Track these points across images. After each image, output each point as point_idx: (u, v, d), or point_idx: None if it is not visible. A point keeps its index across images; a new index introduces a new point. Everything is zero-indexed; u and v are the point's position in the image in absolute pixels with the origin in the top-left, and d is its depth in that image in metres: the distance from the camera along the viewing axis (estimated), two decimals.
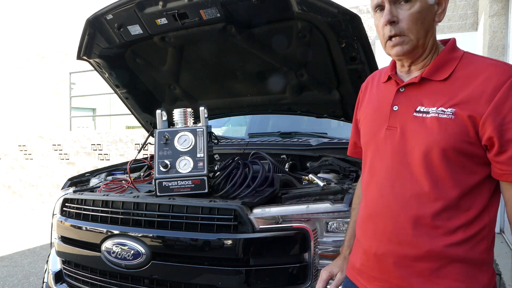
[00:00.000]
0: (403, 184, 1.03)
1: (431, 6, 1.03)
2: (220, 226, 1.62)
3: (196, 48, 2.35)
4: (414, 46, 1.04)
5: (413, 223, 1.01)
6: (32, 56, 11.49)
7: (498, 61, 1.00)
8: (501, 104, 0.93)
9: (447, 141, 0.97)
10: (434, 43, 1.07)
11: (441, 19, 1.05)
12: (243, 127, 3.76)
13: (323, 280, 1.31)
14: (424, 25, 1.02)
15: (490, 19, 5.39)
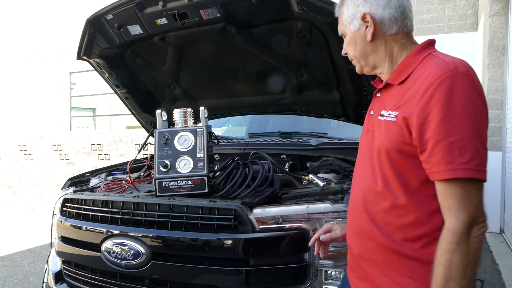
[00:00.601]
0: (367, 183, 1.10)
1: (356, 32, 1.13)
2: (220, 226, 1.62)
3: (196, 48, 2.35)
4: (361, 66, 1.18)
5: (371, 218, 1.08)
6: (32, 56, 11.49)
7: (444, 61, 0.99)
8: (426, 104, 0.94)
9: (389, 142, 1.02)
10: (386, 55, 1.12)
11: (373, 36, 1.10)
12: (243, 127, 3.76)
13: (323, 229, 1.40)
14: (357, 49, 1.14)
15: (490, 19, 5.38)
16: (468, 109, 0.91)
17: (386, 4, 1.07)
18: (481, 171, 0.92)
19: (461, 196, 0.92)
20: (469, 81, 0.94)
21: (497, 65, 5.35)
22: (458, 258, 0.90)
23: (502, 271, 3.90)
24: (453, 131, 0.91)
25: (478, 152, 0.91)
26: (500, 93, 5.36)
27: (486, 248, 4.72)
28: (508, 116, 5.18)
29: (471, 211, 0.91)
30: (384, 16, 1.08)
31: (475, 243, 0.91)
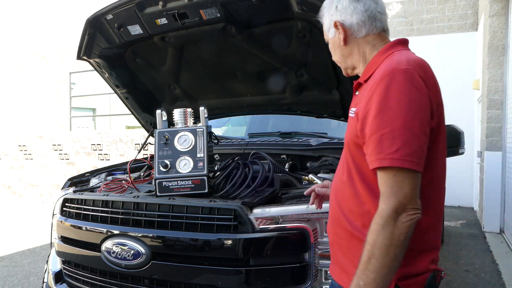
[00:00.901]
0: (338, 174, 1.23)
1: (334, 39, 1.24)
2: (220, 226, 1.62)
3: (196, 48, 2.34)
4: (344, 69, 1.30)
5: (339, 205, 1.18)
6: (32, 56, 11.49)
7: (392, 60, 1.06)
8: (368, 100, 1.02)
9: (349, 136, 1.12)
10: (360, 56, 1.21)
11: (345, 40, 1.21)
12: (243, 127, 3.76)
13: (321, 184, 1.48)
14: (337, 54, 1.27)
15: (490, 19, 5.38)
16: (400, 103, 0.98)
17: (353, 11, 1.17)
18: (409, 161, 0.97)
19: (392, 183, 0.98)
20: (407, 77, 1.00)
21: (497, 65, 5.35)
22: (381, 239, 0.96)
23: (502, 271, 3.90)
24: (385, 124, 0.98)
25: (408, 143, 0.97)
26: (500, 93, 5.36)
27: (486, 248, 4.72)
28: (508, 116, 5.18)
29: (399, 197, 0.97)
30: (353, 21, 1.18)
31: (401, 228, 0.96)
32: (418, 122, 0.98)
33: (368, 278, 0.98)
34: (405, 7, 8.06)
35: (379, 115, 0.99)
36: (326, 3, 1.25)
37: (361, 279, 0.99)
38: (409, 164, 0.97)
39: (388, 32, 1.23)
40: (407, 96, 0.98)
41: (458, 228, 5.82)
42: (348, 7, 1.18)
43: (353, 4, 1.17)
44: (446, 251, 4.65)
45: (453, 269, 4.01)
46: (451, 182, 6.20)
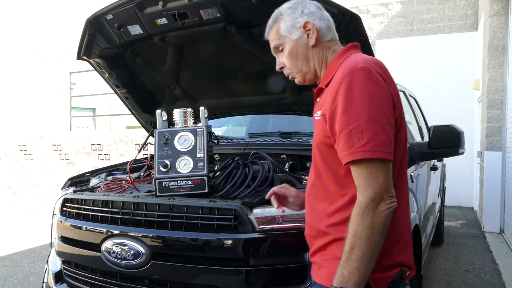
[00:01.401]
0: (310, 176, 1.26)
1: (298, 40, 1.25)
2: (220, 226, 1.62)
3: (196, 48, 2.34)
4: (303, 74, 1.28)
5: (312, 209, 1.23)
6: (32, 56, 11.49)
7: (350, 61, 1.12)
8: (333, 100, 1.08)
9: (318, 137, 1.18)
10: (322, 60, 1.26)
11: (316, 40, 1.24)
12: (243, 127, 3.76)
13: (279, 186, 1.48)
14: (300, 57, 1.26)
15: (490, 19, 5.38)
16: (363, 98, 1.04)
17: (321, 17, 1.27)
18: (380, 151, 1.02)
19: (366, 175, 1.03)
20: (365, 74, 1.06)
21: (497, 65, 5.35)
22: (361, 229, 1.01)
23: (502, 271, 3.90)
24: (352, 120, 1.03)
25: (376, 134, 1.02)
26: (500, 93, 5.36)
27: (486, 248, 4.72)
28: (508, 116, 5.18)
29: (375, 187, 1.02)
30: (321, 25, 1.26)
31: (380, 217, 1.01)
32: (383, 114, 1.05)
33: (351, 267, 1.02)
34: (405, 7, 8.06)
35: (345, 112, 1.05)
36: (284, 9, 1.29)
37: (344, 268, 1.03)
38: (380, 154, 1.02)
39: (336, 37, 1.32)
40: (368, 91, 1.05)
41: (458, 228, 5.82)
42: (316, 13, 1.27)
43: (320, 12, 1.28)
44: (446, 251, 4.65)
45: (453, 269, 4.01)
46: (451, 182, 6.24)
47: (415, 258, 2.28)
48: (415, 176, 2.57)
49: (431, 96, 7.04)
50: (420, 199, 2.71)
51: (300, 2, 1.29)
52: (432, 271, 3.94)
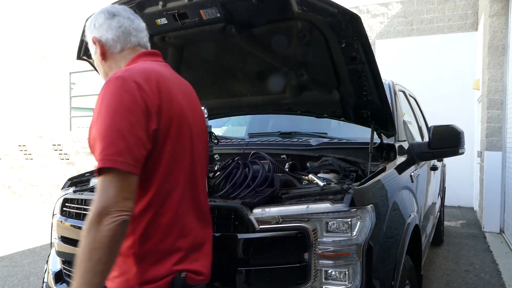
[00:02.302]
0: None
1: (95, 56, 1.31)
2: (220, 226, 1.62)
3: (196, 48, 2.34)
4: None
5: None
6: (32, 56, 11.49)
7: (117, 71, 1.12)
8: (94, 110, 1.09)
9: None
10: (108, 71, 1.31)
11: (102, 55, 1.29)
12: (243, 127, 3.76)
13: None
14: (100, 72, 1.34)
15: (490, 19, 5.38)
16: (109, 107, 1.02)
17: (108, 27, 1.26)
18: (112, 160, 0.98)
19: (100, 187, 0.99)
20: (118, 83, 1.05)
21: (497, 65, 5.35)
22: (85, 243, 0.96)
23: (502, 271, 3.90)
24: (99, 128, 1.02)
25: (113, 143, 0.99)
26: (500, 93, 5.36)
27: (486, 248, 4.72)
28: (508, 116, 5.18)
29: (104, 200, 0.97)
30: (108, 37, 1.26)
31: (103, 231, 0.95)
32: (127, 123, 1.01)
33: (77, 283, 0.96)
34: (405, 7, 8.06)
35: (96, 120, 1.05)
36: (87, 23, 1.31)
37: (72, 284, 0.97)
38: (113, 163, 0.98)
39: (146, 47, 1.32)
40: (116, 100, 1.03)
41: (458, 228, 5.82)
42: (104, 24, 1.26)
43: (108, 21, 1.27)
44: (446, 251, 4.65)
45: (453, 269, 4.01)
46: (451, 182, 6.24)
47: (415, 258, 2.29)
48: (415, 176, 2.57)
49: (431, 96, 7.05)
50: (420, 199, 2.71)
51: (97, 14, 1.30)
52: (432, 271, 3.94)
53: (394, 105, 2.79)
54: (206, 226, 1.31)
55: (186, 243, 1.17)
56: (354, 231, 1.57)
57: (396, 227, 1.90)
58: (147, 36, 1.34)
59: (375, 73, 1.99)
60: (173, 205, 1.14)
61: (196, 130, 1.24)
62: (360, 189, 1.66)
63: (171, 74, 1.26)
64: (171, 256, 1.12)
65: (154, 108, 1.06)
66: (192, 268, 1.16)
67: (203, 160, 1.33)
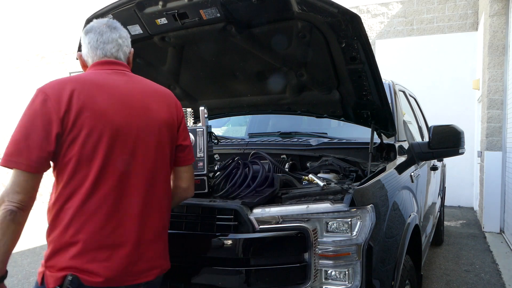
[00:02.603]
0: None
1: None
2: (220, 226, 1.62)
3: (196, 48, 2.34)
4: None
5: None
6: (32, 56, 11.49)
7: None
8: None
9: None
10: None
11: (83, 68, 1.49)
12: (243, 127, 3.76)
13: None
14: None
15: (490, 19, 5.38)
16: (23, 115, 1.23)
17: (83, 44, 1.44)
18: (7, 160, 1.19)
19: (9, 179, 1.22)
20: (35, 93, 1.25)
21: (497, 65, 5.35)
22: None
23: (502, 271, 3.90)
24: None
25: (14, 144, 1.20)
26: (500, 93, 5.36)
27: (486, 248, 4.72)
28: (508, 116, 5.18)
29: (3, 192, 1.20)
30: (83, 53, 1.46)
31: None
32: (32, 128, 1.20)
33: None
34: (405, 7, 8.05)
35: None
36: None
37: None
38: (7, 162, 1.19)
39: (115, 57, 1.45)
40: (26, 109, 1.23)
41: (458, 228, 5.82)
42: (82, 41, 1.45)
43: (83, 39, 1.44)
44: (446, 251, 4.65)
45: (453, 269, 4.01)
46: (451, 182, 6.24)
47: (415, 257, 2.29)
48: (415, 176, 2.57)
49: (431, 96, 7.04)
50: (420, 199, 2.71)
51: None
52: (432, 271, 3.94)
53: (394, 105, 2.79)
54: (134, 230, 1.31)
55: (86, 241, 1.24)
56: (354, 231, 1.57)
57: (396, 227, 1.90)
58: (117, 46, 1.46)
59: (375, 73, 1.99)
60: (77, 202, 1.24)
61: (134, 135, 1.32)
62: (360, 189, 1.66)
63: (112, 82, 1.36)
64: (68, 249, 1.24)
65: (59, 115, 1.21)
66: (86, 268, 1.23)
67: (148, 163, 1.35)
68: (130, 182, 1.31)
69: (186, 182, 1.53)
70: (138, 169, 1.33)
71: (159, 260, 1.40)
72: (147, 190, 1.35)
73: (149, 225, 1.35)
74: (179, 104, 1.56)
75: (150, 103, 1.42)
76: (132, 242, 1.30)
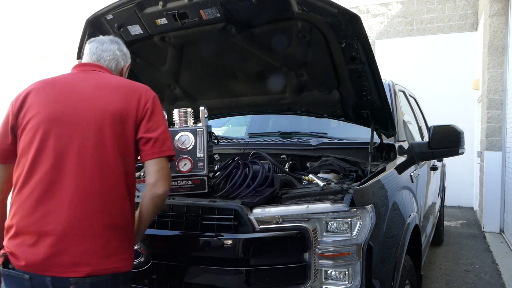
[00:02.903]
0: None
1: None
2: (220, 226, 1.62)
3: (196, 48, 2.34)
4: None
5: None
6: (32, 56, 11.48)
7: None
8: None
9: None
10: None
11: None
12: (243, 127, 3.76)
13: None
14: None
15: (490, 19, 5.38)
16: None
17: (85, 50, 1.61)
18: None
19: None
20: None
21: (497, 65, 5.35)
22: None
23: (502, 271, 3.90)
24: None
25: None
26: (500, 93, 5.36)
27: (486, 248, 4.72)
28: (508, 116, 5.18)
29: None
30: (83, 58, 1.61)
31: None
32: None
33: None
34: (405, 7, 8.05)
35: None
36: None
37: None
38: None
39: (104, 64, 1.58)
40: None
41: (458, 228, 5.83)
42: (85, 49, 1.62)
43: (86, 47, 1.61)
44: (446, 251, 4.65)
45: (453, 269, 4.01)
46: (451, 182, 6.24)
47: (415, 257, 2.29)
48: (415, 176, 2.57)
49: (431, 96, 7.04)
50: (420, 199, 2.71)
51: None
52: (432, 271, 3.94)
53: (394, 105, 2.79)
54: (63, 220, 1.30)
55: (18, 225, 1.32)
56: (354, 231, 1.57)
57: (396, 227, 1.90)
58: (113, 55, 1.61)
59: (375, 73, 1.99)
60: (17, 189, 1.36)
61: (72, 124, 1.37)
62: (360, 189, 1.66)
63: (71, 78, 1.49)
64: (8, 232, 1.35)
65: (13, 112, 1.41)
66: (14, 251, 1.31)
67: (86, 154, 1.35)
68: (63, 171, 1.32)
69: (153, 177, 1.42)
70: (72, 159, 1.33)
71: (93, 258, 1.31)
72: (83, 181, 1.33)
73: (85, 218, 1.31)
74: (147, 98, 1.47)
75: (100, 95, 1.43)
76: (59, 232, 1.28)
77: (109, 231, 1.35)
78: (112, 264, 1.34)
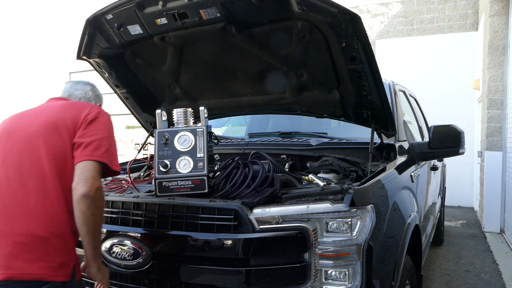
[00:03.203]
0: None
1: None
2: (220, 226, 1.62)
3: (196, 48, 2.34)
4: None
5: None
6: (32, 56, 11.48)
7: None
8: None
9: None
10: None
11: None
12: (243, 127, 3.76)
13: None
14: None
15: (490, 18, 5.38)
16: None
17: None
18: None
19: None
20: None
21: (497, 65, 5.35)
22: None
23: (502, 271, 3.90)
24: None
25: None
26: (500, 93, 5.36)
27: (486, 248, 4.72)
28: (508, 116, 5.18)
29: None
30: None
31: None
32: None
33: None
34: (405, 7, 8.05)
35: None
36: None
37: None
38: None
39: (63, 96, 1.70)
40: None
41: (458, 228, 5.82)
42: None
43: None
44: (446, 251, 4.65)
45: (453, 269, 4.01)
46: (451, 182, 6.23)
47: (415, 257, 2.29)
48: (415, 176, 2.57)
49: (431, 96, 7.04)
50: (420, 199, 2.71)
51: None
52: (432, 271, 3.94)
53: (394, 105, 2.79)
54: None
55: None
56: (354, 231, 1.57)
57: (396, 227, 1.90)
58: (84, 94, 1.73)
59: (375, 73, 1.99)
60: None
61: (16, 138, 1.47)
62: (360, 189, 1.66)
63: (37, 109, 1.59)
64: None
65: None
66: None
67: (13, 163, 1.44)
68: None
69: (75, 182, 1.37)
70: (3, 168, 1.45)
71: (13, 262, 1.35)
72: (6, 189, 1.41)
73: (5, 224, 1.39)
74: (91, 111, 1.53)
75: (45, 111, 1.56)
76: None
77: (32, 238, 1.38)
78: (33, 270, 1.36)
